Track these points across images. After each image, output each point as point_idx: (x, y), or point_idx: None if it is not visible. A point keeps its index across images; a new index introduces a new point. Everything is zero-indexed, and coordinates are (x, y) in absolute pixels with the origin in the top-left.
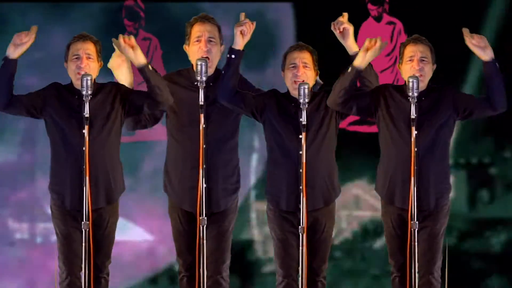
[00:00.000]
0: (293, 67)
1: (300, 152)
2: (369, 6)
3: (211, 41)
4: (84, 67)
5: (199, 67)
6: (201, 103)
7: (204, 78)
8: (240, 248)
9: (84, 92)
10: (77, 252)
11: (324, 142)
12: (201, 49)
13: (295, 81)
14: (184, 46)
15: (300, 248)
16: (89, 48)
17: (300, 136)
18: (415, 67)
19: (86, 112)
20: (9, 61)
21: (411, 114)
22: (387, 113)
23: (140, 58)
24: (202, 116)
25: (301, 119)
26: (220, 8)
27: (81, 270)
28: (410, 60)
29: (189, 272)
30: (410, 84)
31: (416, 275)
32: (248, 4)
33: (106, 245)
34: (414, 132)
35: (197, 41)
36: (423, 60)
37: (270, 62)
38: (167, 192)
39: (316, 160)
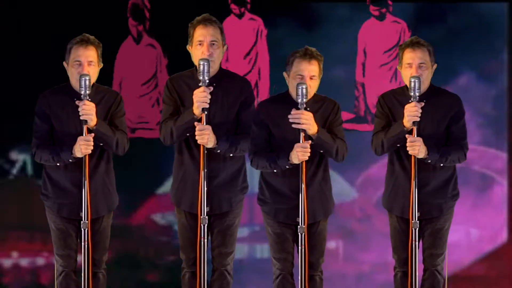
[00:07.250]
0: (299, 78)
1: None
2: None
3: (213, 44)
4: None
5: (201, 67)
6: None
7: (206, 78)
8: None
9: (82, 92)
10: (72, 245)
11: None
12: (203, 53)
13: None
14: (187, 46)
15: (300, 248)
16: (91, 54)
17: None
18: (414, 74)
19: None
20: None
21: None
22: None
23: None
24: (203, 115)
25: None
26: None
27: (77, 264)
28: (408, 66)
29: (191, 269)
30: (412, 84)
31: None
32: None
33: (102, 239)
34: (415, 132)
35: (199, 44)
36: (422, 66)
37: (482, 46)
38: (171, 194)
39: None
